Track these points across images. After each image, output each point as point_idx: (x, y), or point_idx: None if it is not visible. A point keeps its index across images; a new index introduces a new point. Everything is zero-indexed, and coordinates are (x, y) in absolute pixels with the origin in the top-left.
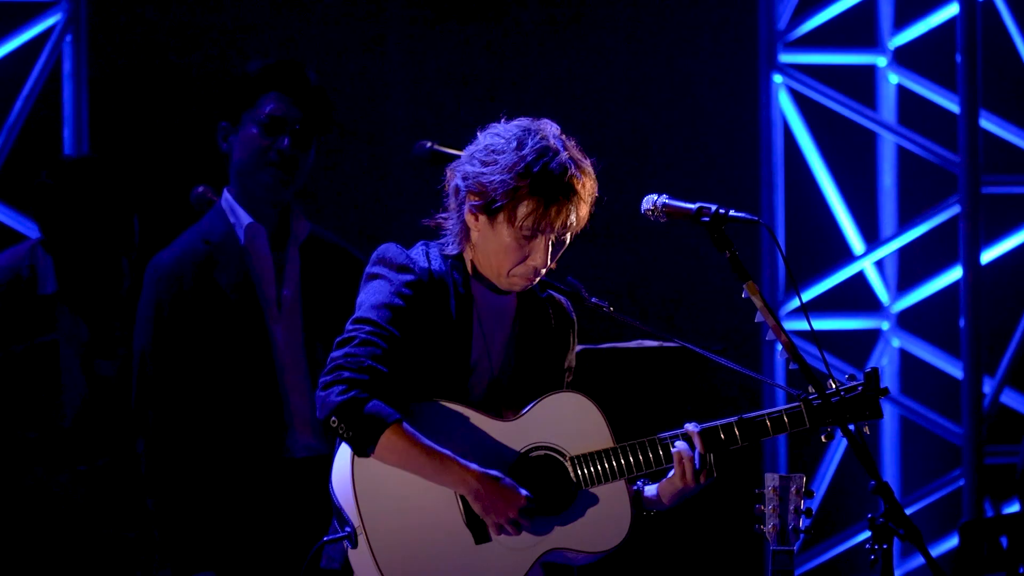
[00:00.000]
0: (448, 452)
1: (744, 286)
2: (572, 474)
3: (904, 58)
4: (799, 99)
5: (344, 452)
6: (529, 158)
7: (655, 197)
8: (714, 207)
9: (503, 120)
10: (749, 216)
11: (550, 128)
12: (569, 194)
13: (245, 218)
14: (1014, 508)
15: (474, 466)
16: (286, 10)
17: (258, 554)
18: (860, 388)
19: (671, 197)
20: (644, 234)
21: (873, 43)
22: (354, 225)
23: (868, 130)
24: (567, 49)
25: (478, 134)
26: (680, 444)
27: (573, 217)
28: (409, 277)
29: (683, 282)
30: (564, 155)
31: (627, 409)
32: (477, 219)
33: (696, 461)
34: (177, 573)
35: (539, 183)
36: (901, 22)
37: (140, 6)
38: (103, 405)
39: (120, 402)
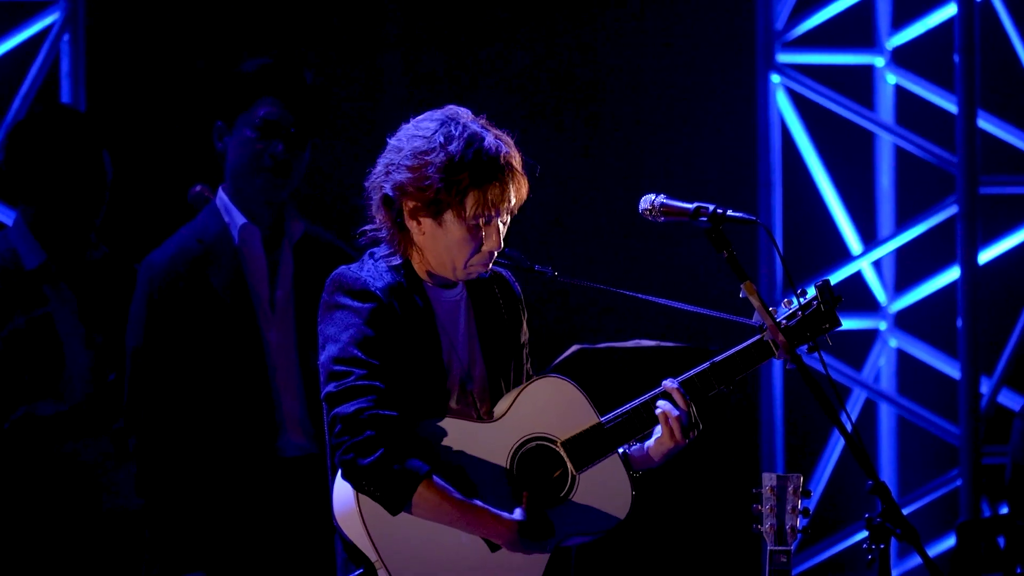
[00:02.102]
0: (479, 503)
1: (742, 286)
2: (567, 459)
3: (902, 58)
4: (797, 99)
5: (343, 488)
6: (461, 150)
7: (653, 197)
8: (712, 207)
9: (409, 121)
10: (747, 216)
11: (464, 113)
12: (509, 173)
13: (239, 218)
14: None
15: (505, 515)
16: (285, 9)
17: (249, 554)
18: (816, 303)
19: (669, 197)
20: (642, 234)
21: (871, 43)
22: (353, 225)
23: (866, 130)
24: (564, 49)
25: (388, 140)
26: (663, 404)
27: (517, 193)
28: (372, 304)
29: (681, 282)
30: (490, 137)
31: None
32: (420, 223)
33: (683, 418)
34: (167, 572)
35: (478, 172)
36: (899, 22)
37: (138, 5)
38: (106, 370)
39: (118, 365)
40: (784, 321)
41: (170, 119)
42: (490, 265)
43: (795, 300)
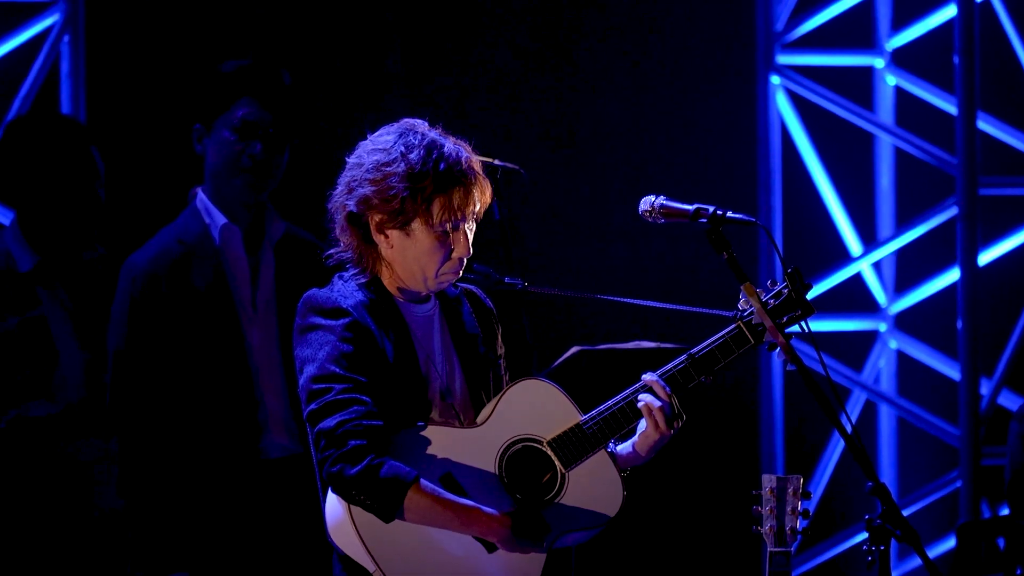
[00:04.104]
0: (470, 502)
1: (741, 287)
2: (555, 458)
3: (902, 60)
4: (797, 100)
5: (335, 503)
6: (422, 158)
7: (653, 198)
8: (711, 208)
9: (367, 138)
10: (746, 217)
11: (420, 123)
12: (472, 177)
13: (220, 219)
14: None
15: (497, 512)
16: (287, 14)
17: (234, 555)
18: (786, 291)
19: (668, 198)
20: (642, 235)
21: (871, 44)
22: None
23: (866, 132)
24: (564, 51)
25: (346, 159)
26: (645, 397)
27: (481, 197)
28: (346, 320)
29: (680, 283)
30: (449, 143)
31: None
32: (388, 236)
33: (666, 408)
34: (151, 574)
35: (442, 178)
36: (899, 24)
37: (138, 6)
38: (102, 371)
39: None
40: (753, 312)
41: (170, 120)
42: (461, 272)
43: (765, 290)
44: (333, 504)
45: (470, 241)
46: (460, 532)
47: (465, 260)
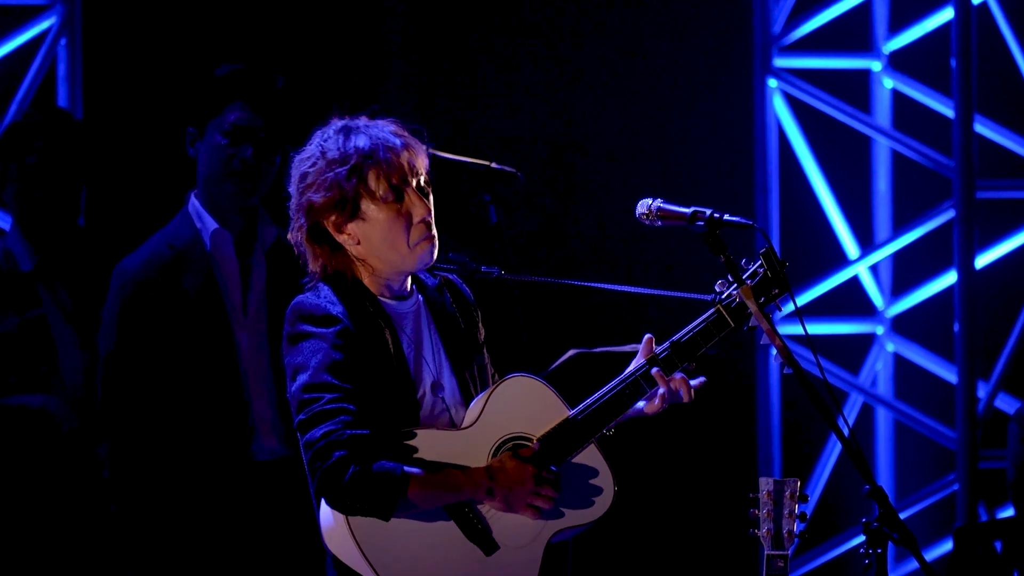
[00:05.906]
0: (453, 469)
1: (739, 289)
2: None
3: (899, 62)
4: (794, 103)
5: (331, 513)
6: (339, 143)
7: (650, 201)
8: (708, 211)
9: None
10: (743, 220)
11: (333, 121)
12: (398, 138)
13: (211, 223)
14: (1008, 512)
15: (474, 468)
16: (286, 17)
17: (223, 558)
18: (761, 270)
19: (665, 201)
20: (638, 237)
21: (868, 47)
22: None
23: (863, 134)
24: (562, 53)
25: (289, 189)
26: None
27: (415, 155)
28: (336, 327)
29: (677, 284)
30: (360, 120)
31: None
32: (349, 232)
33: (667, 396)
34: None
35: (364, 150)
36: (896, 26)
37: (135, 9)
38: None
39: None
40: (732, 294)
41: (167, 123)
42: (436, 242)
43: (740, 269)
44: (327, 511)
45: (427, 203)
46: (460, 499)
47: (431, 220)
